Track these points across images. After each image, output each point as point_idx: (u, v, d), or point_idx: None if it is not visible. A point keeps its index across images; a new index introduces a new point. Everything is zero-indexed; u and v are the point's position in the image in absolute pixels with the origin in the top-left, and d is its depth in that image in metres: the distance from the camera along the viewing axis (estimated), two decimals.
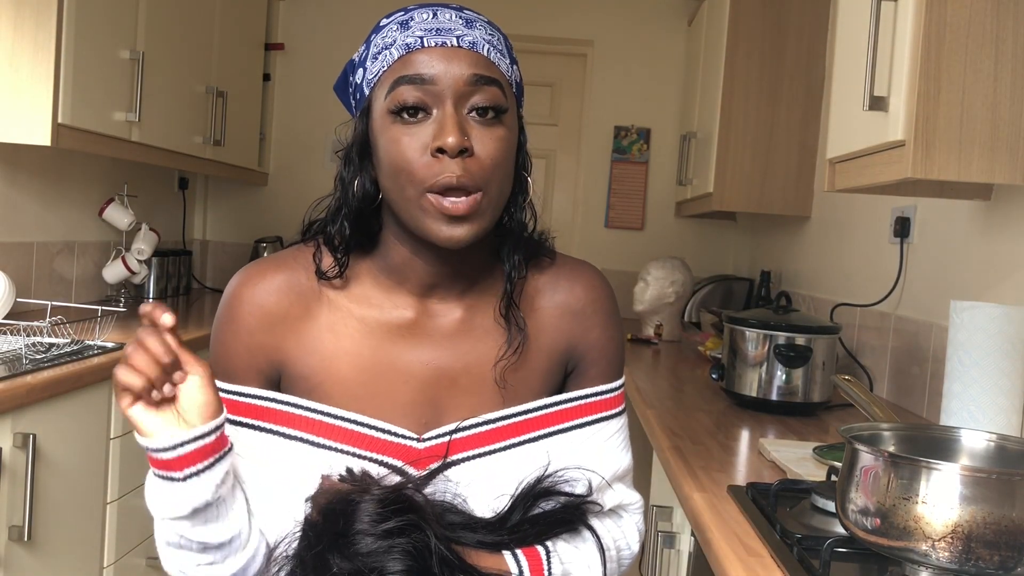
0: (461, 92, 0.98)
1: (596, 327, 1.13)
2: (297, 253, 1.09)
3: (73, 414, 2.00)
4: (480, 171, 0.97)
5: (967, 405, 1.45)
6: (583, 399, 1.11)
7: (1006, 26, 1.32)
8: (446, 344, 1.07)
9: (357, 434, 1.03)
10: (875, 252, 2.42)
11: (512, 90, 1.04)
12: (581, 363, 1.13)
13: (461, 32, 1.00)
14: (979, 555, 0.93)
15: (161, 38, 2.88)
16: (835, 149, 1.67)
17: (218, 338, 1.07)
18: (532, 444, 1.07)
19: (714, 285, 3.71)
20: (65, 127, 2.36)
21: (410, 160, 0.97)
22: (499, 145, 0.99)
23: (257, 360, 1.05)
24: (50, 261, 2.89)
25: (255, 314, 1.05)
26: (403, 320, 1.07)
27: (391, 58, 1.00)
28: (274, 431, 1.03)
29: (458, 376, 1.06)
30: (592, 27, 4.09)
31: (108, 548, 2.20)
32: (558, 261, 1.15)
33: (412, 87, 0.97)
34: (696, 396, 2.25)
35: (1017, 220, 1.72)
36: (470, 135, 0.98)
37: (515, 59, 1.06)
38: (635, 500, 1.16)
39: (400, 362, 1.05)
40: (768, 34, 3.05)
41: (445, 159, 0.96)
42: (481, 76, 0.98)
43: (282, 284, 1.06)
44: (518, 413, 1.07)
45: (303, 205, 1.14)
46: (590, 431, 1.10)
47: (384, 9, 1.10)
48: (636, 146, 4.10)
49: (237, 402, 1.04)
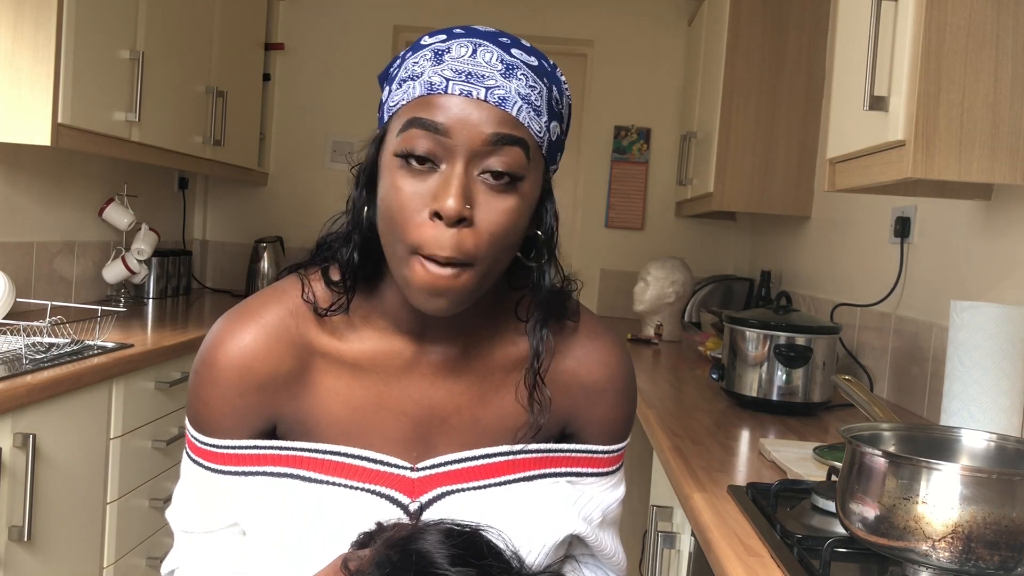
0: (476, 151, 0.89)
1: (604, 405, 1.07)
2: (280, 294, 1.02)
3: (73, 414, 2.00)
4: (475, 246, 0.89)
5: (967, 405, 1.45)
6: (583, 452, 1.08)
7: (1006, 26, 1.32)
8: (439, 384, 1.02)
9: (350, 466, 1.00)
10: (875, 252, 2.42)
11: (540, 151, 0.95)
12: (581, 432, 1.09)
13: (494, 83, 0.90)
14: (979, 555, 0.93)
15: (161, 38, 2.88)
16: (835, 149, 1.67)
17: (200, 397, 1.00)
18: (528, 483, 1.04)
19: (714, 285, 3.71)
20: (65, 127, 2.36)
21: (406, 216, 0.89)
22: (505, 218, 0.90)
23: (248, 418, 1.00)
24: (50, 261, 2.89)
25: (242, 377, 0.98)
26: (397, 358, 1.02)
27: (413, 93, 0.91)
28: (263, 472, 1.00)
29: (449, 416, 1.03)
30: (592, 27, 4.09)
31: (108, 548, 2.20)
32: (579, 325, 1.07)
33: (425, 134, 0.89)
34: (696, 396, 2.25)
35: (1017, 220, 1.72)
36: (475, 202, 0.89)
37: (558, 113, 0.97)
38: (622, 559, 1.15)
39: (391, 400, 1.01)
40: (768, 34, 3.05)
41: (440, 224, 0.88)
42: (503, 136, 0.89)
43: (267, 339, 0.99)
44: (518, 452, 1.04)
45: (303, 205, 1.12)
46: (586, 481, 1.08)
47: (383, 10, 1.09)
48: (636, 146, 4.10)
49: (222, 454, 1.00)
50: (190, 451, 1.03)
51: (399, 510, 1.00)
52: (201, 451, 1.02)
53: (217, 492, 1.01)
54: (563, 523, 1.04)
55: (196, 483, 1.03)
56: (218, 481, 1.01)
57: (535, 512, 1.02)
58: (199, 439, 1.01)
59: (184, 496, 1.05)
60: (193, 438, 1.02)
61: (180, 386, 2.48)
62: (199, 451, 1.02)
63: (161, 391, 2.40)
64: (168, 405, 2.47)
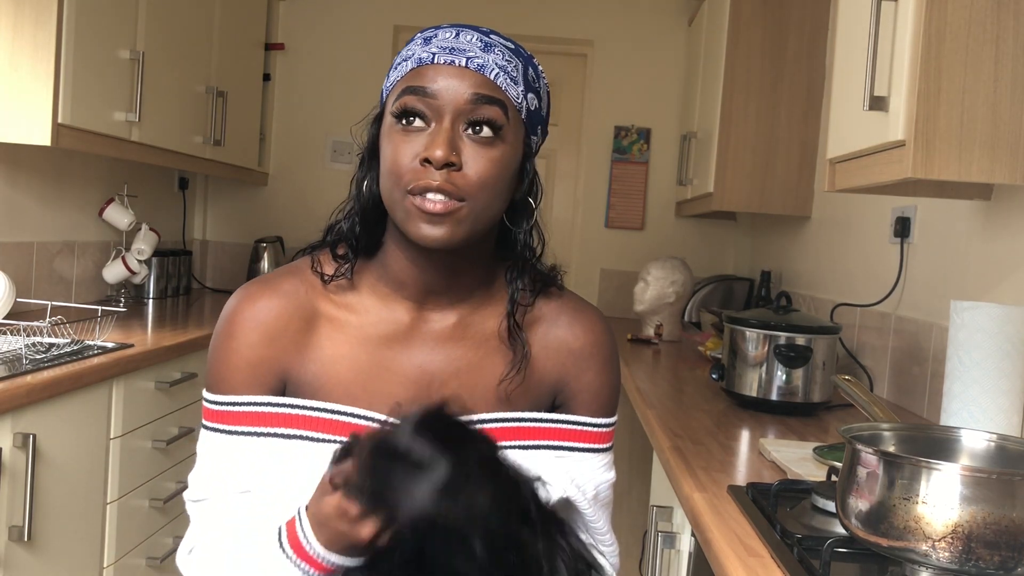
0: (461, 110, 1.01)
1: (591, 370, 1.16)
2: (293, 269, 1.13)
3: (73, 414, 2.00)
4: (465, 184, 1.01)
5: (967, 405, 1.45)
6: (575, 424, 1.14)
7: (1006, 26, 1.32)
8: (439, 349, 1.11)
9: (355, 426, 1.05)
10: (875, 252, 2.42)
11: (520, 115, 1.06)
12: (571, 401, 1.16)
13: (474, 54, 1.03)
14: (979, 555, 0.93)
15: (161, 38, 2.88)
16: (835, 149, 1.67)
17: (218, 354, 1.10)
18: (522, 452, 1.10)
19: (714, 285, 3.71)
20: (65, 127, 2.36)
21: (400, 164, 1.01)
22: (490, 164, 1.02)
23: (259, 373, 1.08)
24: (50, 261, 2.89)
25: (256, 330, 1.08)
26: (399, 325, 1.10)
27: (405, 69, 1.05)
28: (273, 434, 1.06)
29: (448, 380, 1.10)
30: (592, 27, 4.09)
31: (108, 548, 2.20)
32: (565, 296, 1.18)
33: (416, 97, 1.02)
34: (696, 396, 2.25)
35: (1017, 220, 1.72)
36: (461, 151, 1.01)
37: (535, 89, 1.09)
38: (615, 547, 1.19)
39: (395, 364, 1.09)
40: (768, 34, 3.05)
41: (430, 168, 1.00)
42: (482, 95, 1.02)
43: (281, 300, 1.09)
44: (512, 419, 1.11)
45: (303, 205, 1.17)
46: (577, 457, 1.14)
47: (383, 10, 1.13)
48: (636, 146, 4.10)
49: (235, 412, 1.07)
50: (206, 420, 1.09)
51: None
52: (216, 414, 1.08)
53: (231, 455, 1.07)
54: (557, 486, 1.09)
55: (211, 450, 1.08)
56: (232, 444, 1.07)
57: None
58: (215, 401, 1.08)
59: (200, 470, 1.10)
60: (209, 403, 1.09)
61: (180, 386, 2.48)
62: (215, 415, 1.08)
63: (161, 391, 2.40)
64: (168, 405, 2.47)
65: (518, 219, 1.11)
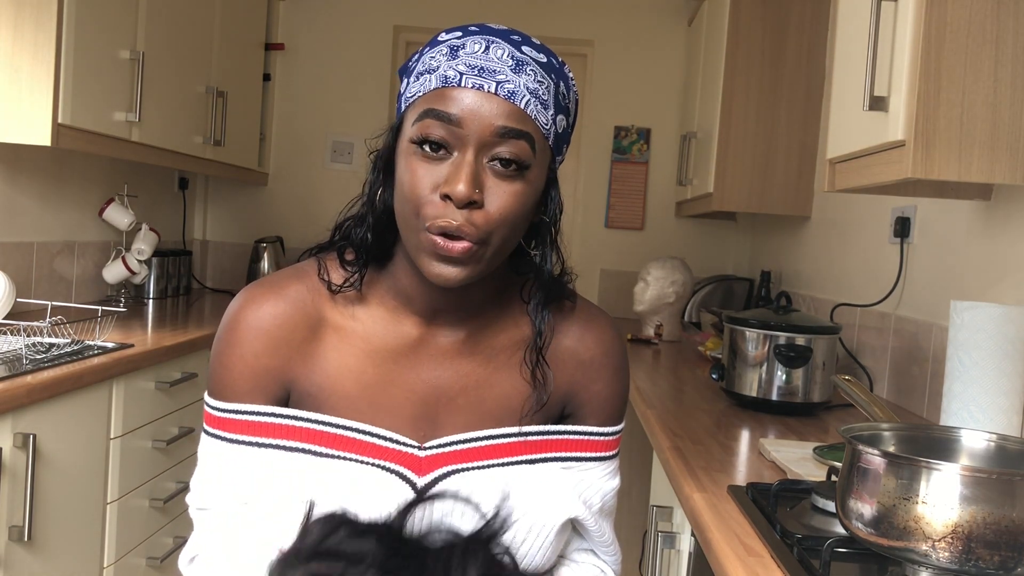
0: (486, 141, 0.95)
1: (600, 380, 1.13)
2: (299, 272, 1.08)
3: (73, 414, 2.00)
4: (484, 224, 0.95)
5: (967, 405, 1.45)
6: (583, 435, 1.12)
7: (1006, 26, 1.32)
8: (448, 364, 1.07)
9: (360, 442, 1.03)
10: (875, 252, 2.42)
11: (547, 143, 1.01)
12: (580, 410, 1.13)
13: (504, 77, 0.96)
14: (979, 555, 0.93)
15: (161, 38, 2.88)
16: (835, 149, 1.67)
17: (221, 361, 1.06)
18: (530, 466, 1.08)
19: (714, 285, 3.71)
20: (65, 127, 2.36)
21: (419, 195, 0.95)
22: (512, 200, 0.97)
23: (263, 382, 1.05)
24: (50, 261, 2.89)
25: (260, 338, 1.04)
26: (407, 339, 1.07)
27: (429, 85, 0.98)
28: (276, 445, 1.03)
29: (456, 396, 1.07)
30: (592, 27, 4.09)
31: (108, 548, 2.20)
32: (576, 306, 1.14)
33: (439, 123, 0.95)
34: (696, 396, 2.25)
35: (1017, 220, 1.72)
36: (484, 186, 0.95)
37: (564, 107, 1.03)
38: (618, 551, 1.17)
39: (402, 379, 1.06)
40: (768, 34, 3.05)
41: (451, 205, 0.94)
42: (510, 129, 0.95)
43: (286, 306, 1.05)
44: (520, 434, 1.08)
45: (303, 205, 1.15)
46: (584, 466, 1.12)
47: (383, 10, 1.10)
48: (636, 146, 4.10)
49: (238, 420, 1.04)
50: (208, 426, 1.07)
51: (408, 486, 1.03)
52: (219, 421, 1.05)
53: (232, 464, 1.04)
54: (565, 505, 1.07)
55: (213, 458, 1.06)
56: (234, 452, 1.04)
57: (538, 493, 1.05)
58: (217, 407, 1.05)
59: (201, 474, 1.08)
60: (211, 409, 1.06)
61: (180, 386, 2.48)
62: (217, 422, 1.05)
63: (161, 391, 2.40)
64: (168, 405, 2.47)
65: (537, 239, 1.06)
